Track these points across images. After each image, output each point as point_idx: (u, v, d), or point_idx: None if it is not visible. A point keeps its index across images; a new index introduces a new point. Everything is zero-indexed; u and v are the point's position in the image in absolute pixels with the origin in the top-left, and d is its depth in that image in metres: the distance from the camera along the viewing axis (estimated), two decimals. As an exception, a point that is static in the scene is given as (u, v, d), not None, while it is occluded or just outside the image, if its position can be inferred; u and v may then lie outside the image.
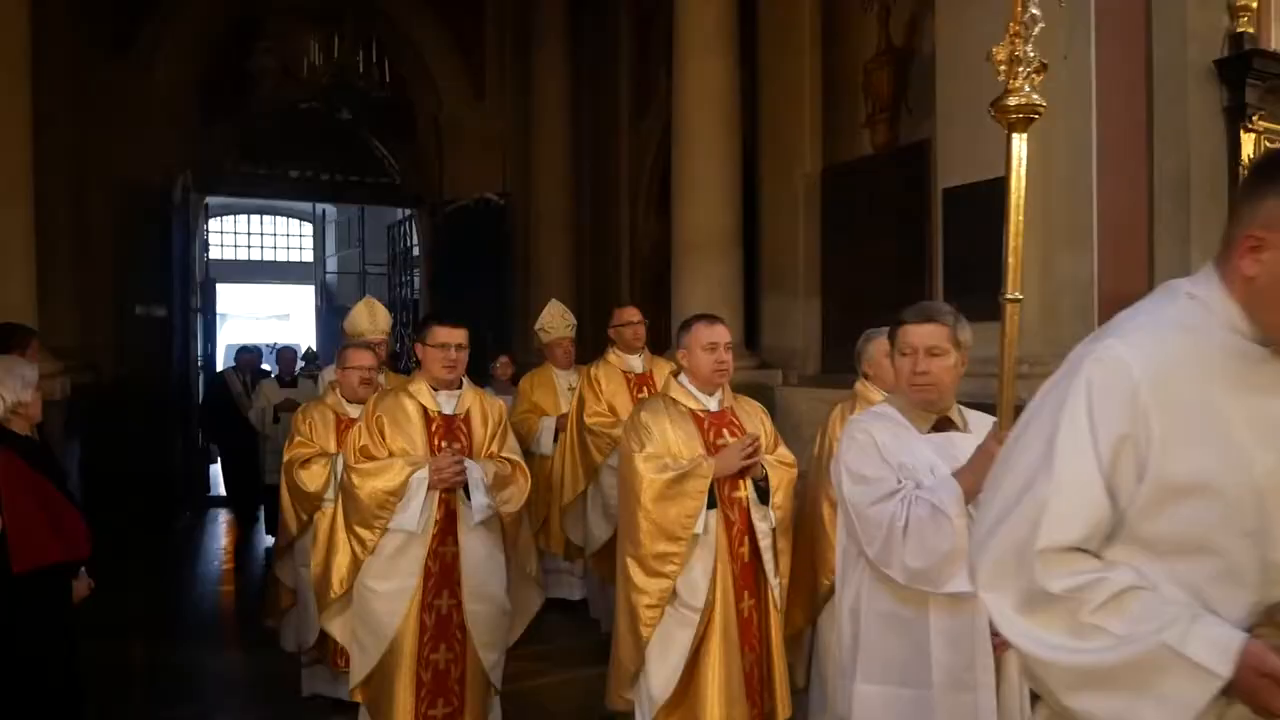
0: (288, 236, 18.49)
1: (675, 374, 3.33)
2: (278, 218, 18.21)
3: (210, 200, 11.36)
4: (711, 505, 3.03)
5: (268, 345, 12.92)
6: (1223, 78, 4.72)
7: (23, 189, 5.26)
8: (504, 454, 3.47)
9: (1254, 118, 4.76)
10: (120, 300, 8.74)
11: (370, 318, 5.03)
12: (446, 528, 3.29)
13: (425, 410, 3.37)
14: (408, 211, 11.29)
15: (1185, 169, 4.16)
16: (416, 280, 11.26)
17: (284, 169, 10.46)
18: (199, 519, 9.20)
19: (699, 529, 3.00)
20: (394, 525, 3.20)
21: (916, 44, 6.12)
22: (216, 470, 10.58)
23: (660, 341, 6.11)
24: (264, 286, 19.09)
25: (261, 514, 8.36)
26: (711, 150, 7.02)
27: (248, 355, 9.32)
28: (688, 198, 7.08)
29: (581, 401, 4.91)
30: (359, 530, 3.24)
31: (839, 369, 5.93)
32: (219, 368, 13.13)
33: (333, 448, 4.08)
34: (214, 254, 15.27)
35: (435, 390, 3.41)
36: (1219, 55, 4.70)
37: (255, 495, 8.38)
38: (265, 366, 10.00)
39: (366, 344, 4.63)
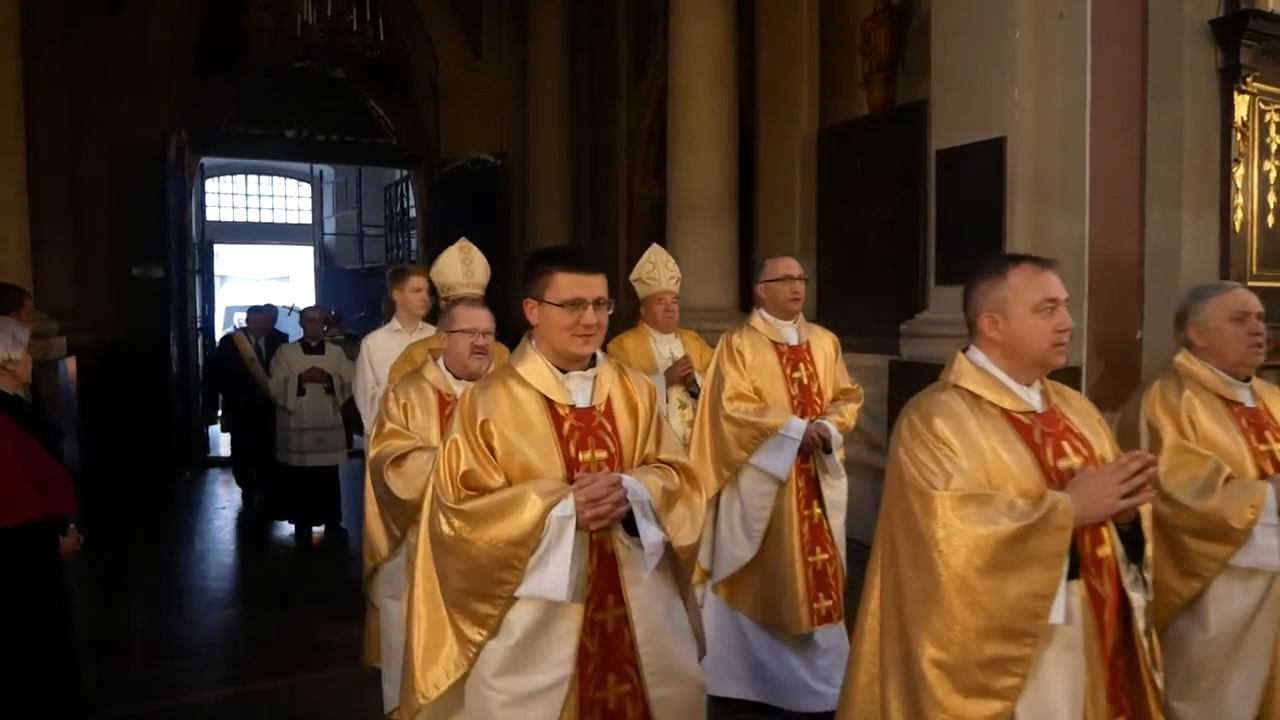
0: (285, 198, 18.40)
1: (964, 350, 2.12)
2: (275, 178, 18.12)
3: (207, 161, 11.30)
4: (1074, 575, 1.85)
5: (287, 308, 11.48)
6: (1218, 38, 4.67)
7: (16, 151, 5.25)
8: (664, 455, 2.37)
9: (1248, 79, 4.72)
10: (118, 262, 8.75)
11: (465, 266, 3.93)
12: (604, 583, 2.19)
13: (550, 404, 2.25)
14: (405, 172, 11.24)
15: (1178, 130, 4.14)
16: (413, 242, 11.24)
17: (280, 129, 10.40)
18: (198, 479, 9.28)
19: (1058, 617, 1.82)
20: (527, 592, 2.10)
21: (914, 2, 6.05)
22: (215, 431, 10.64)
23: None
24: (263, 248, 19.06)
25: (250, 501, 7.78)
26: (709, 111, 6.99)
27: (260, 315, 7.98)
28: (685, 159, 7.05)
29: (719, 379, 3.78)
30: (473, 607, 2.13)
31: (835, 330, 5.94)
32: (218, 329, 13.12)
33: (435, 438, 3.06)
34: (212, 215, 15.23)
35: (560, 372, 2.28)
36: (1215, 15, 4.65)
37: (266, 475, 7.47)
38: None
39: (479, 299, 3.61)
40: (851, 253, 6.74)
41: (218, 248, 13.95)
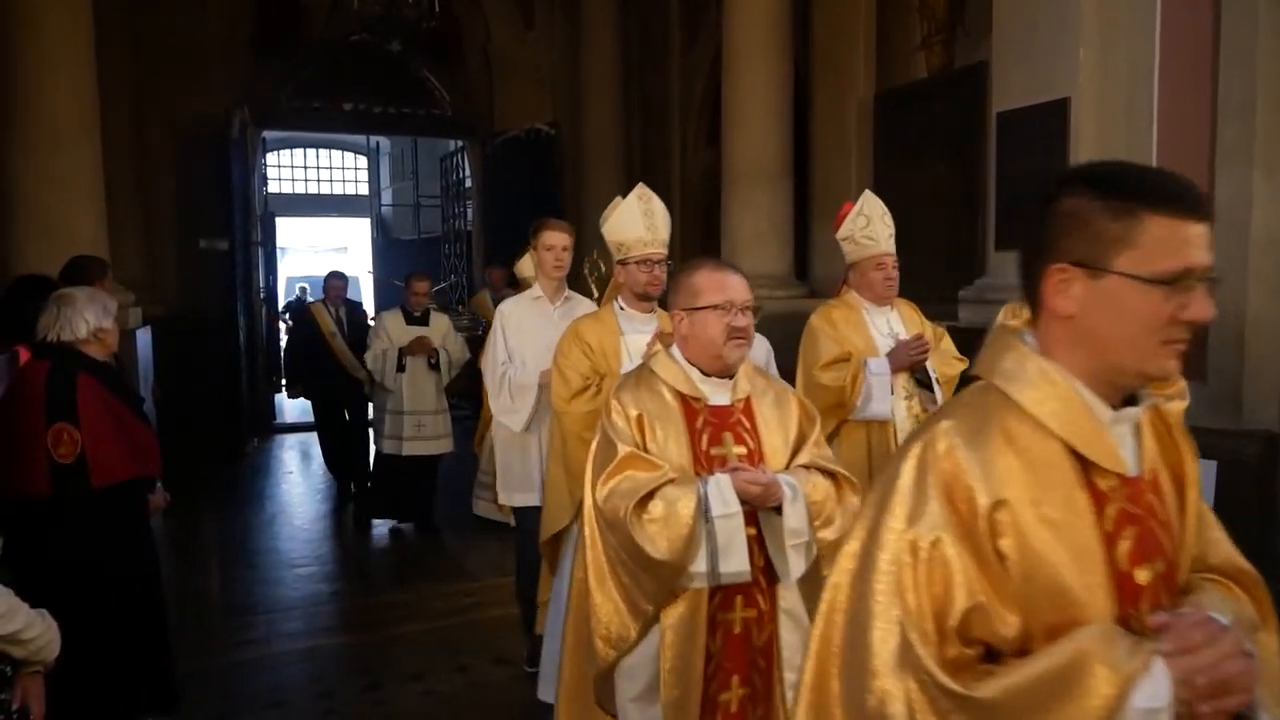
0: (343, 170, 18.70)
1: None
2: (333, 151, 18.41)
3: (267, 135, 11.54)
4: None
5: (397, 280, 10.84)
6: (1297, -8, 4.48)
7: (92, 129, 5.43)
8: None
9: (1329, 34, 4.52)
10: (185, 235, 9.03)
11: (647, 219, 3.19)
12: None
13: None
14: (459, 143, 11.34)
15: (1251, 91, 4.00)
16: (469, 212, 11.36)
17: (337, 102, 10.56)
18: (266, 445, 9.60)
19: None
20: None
21: (974, -39, 5.91)
22: (281, 399, 10.96)
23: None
24: (321, 220, 19.42)
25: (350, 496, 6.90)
26: (762, 77, 6.92)
27: (338, 282, 7.11)
28: (738, 126, 7.01)
29: None
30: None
31: (888, 299, 5.91)
32: (280, 300, 13.42)
33: (685, 460, 2.31)
34: (272, 188, 15.55)
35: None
36: (1294, -32, 4.46)
37: (349, 460, 6.91)
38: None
39: (727, 264, 2.71)
40: (907, 219, 6.59)
41: (277, 220, 14.27)
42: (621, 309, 3.22)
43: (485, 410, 5.20)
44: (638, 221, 3.18)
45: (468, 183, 11.30)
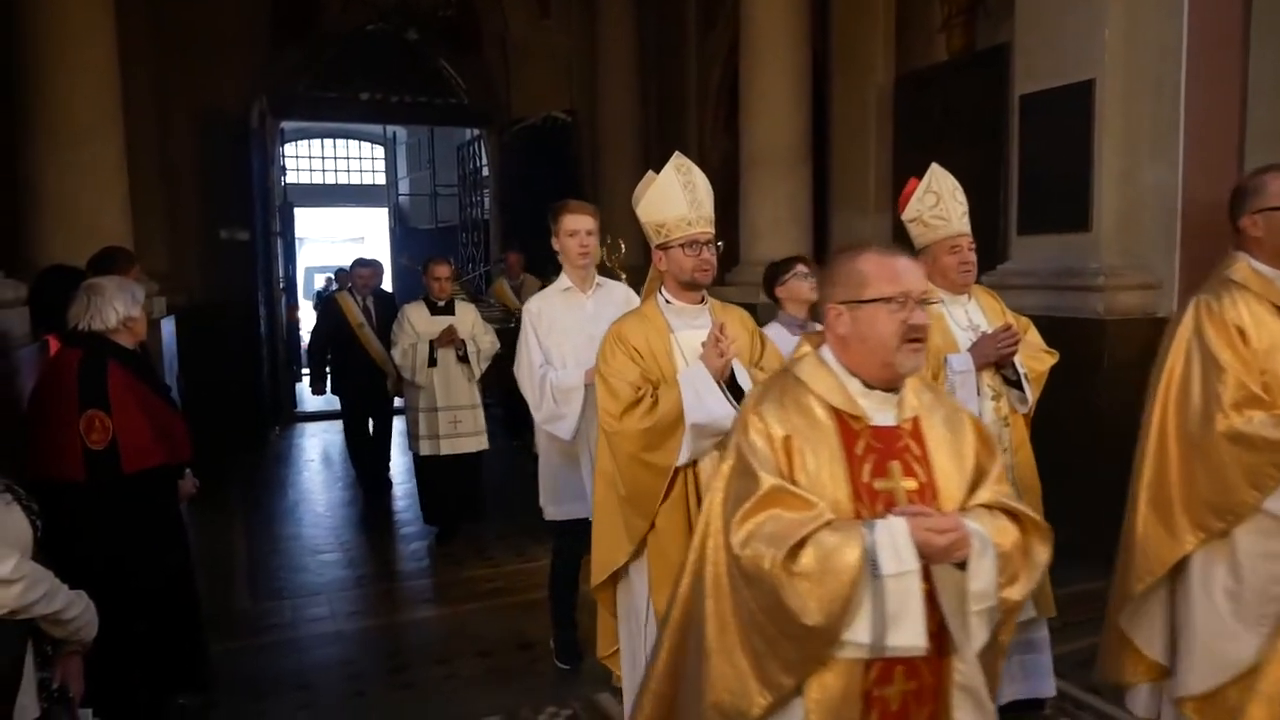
0: (360, 160, 18.75)
1: None
2: (350, 141, 18.46)
3: (285, 126, 11.58)
4: None
5: (411, 263, 9.65)
6: (1329, -30, 4.42)
7: (115, 121, 5.47)
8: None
9: (1361, 12, 4.46)
10: (205, 225, 9.09)
11: (689, 194, 2.76)
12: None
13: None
14: (476, 132, 11.35)
15: (1282, 69, 3.96)
16: (486, 201, 11.38)
17: (354, 92, 10.59)
18: (287, 433, 9.68)
19: None
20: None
21: (997, -58, 5.85)
22: (302, 388, 11.03)
23: (727, 259, 6.08)
24: (339, 210, 19.50)
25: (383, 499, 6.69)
26: (781, 61, 6.88)
27: (366, 270, 6.67)
28: (756, 111, 6.98)
29: (1204, 371, 2.63)
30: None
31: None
32: (299, 289, 13.47)
33: (843, 495, 1.84)
34: (290, 179, 15.62)
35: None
36: (1326, -55, 4.40)
37: (374, 463, 6.78)
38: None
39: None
40: (928, 204, 6.61)
41: (296, 210, 14.33)
42: (667, 302, 2.80)
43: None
44: (678, 197, 2.74)
45: (484, 171, 11.32)
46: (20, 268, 4.48)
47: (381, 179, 18.42)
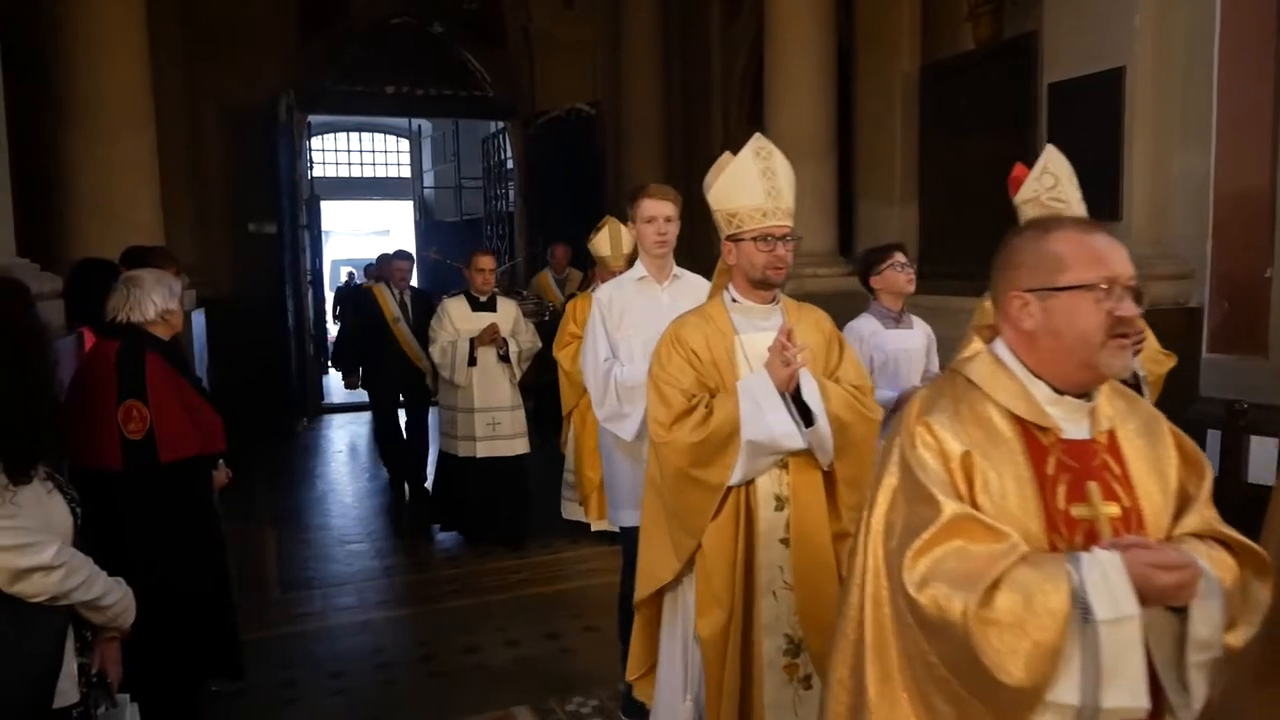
0: (385, 153, 18.85)
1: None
2: (375, 134, 18.56)
3: (311, 119, 11.67)
4: None
5: (439, 256, 9.38)
6: (1368, -49, 4.33)
7: (146, 117, 5.56)
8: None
9: (1402, -6, 4.36)
10: (234, 219, 9.20)
11: (768, 181, 2.49)
12: None
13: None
14: (501, 124, 11.38)
15: (1318, 54, 3.89)
16: (511, 193, 11.41)
17: (379, 85, 10.65)
18: (315, 424, 9.78)
19: None
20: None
21: (1025, -72, 5.78)
22: (329, 380, 11.15)
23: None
24: (364, 202, 19.62)
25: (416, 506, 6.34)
26: (806, 51, 6.84)
27: (403, 262, 6.41)
28: (781, 101, 6.94)
29: None
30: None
31: (936, 276, 5.84)
32: (326, 283, 13.59)
33: (1036, 527, 1.48)
34: (315, 172, 15.74)
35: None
36: (1365, -74, 4.31)
37: (409, 464, 6.52)
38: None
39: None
40: (954, 194, 6.55)
41: (322, 203, 14.44)
42: (735, 301, 2.53)
43: (573, 406, 5.10)
44: (755, 184, 2.44)
45: (509, 164, 11.34)
46: (55, 260, 4.57)
47: (406, 172, 18.50)
